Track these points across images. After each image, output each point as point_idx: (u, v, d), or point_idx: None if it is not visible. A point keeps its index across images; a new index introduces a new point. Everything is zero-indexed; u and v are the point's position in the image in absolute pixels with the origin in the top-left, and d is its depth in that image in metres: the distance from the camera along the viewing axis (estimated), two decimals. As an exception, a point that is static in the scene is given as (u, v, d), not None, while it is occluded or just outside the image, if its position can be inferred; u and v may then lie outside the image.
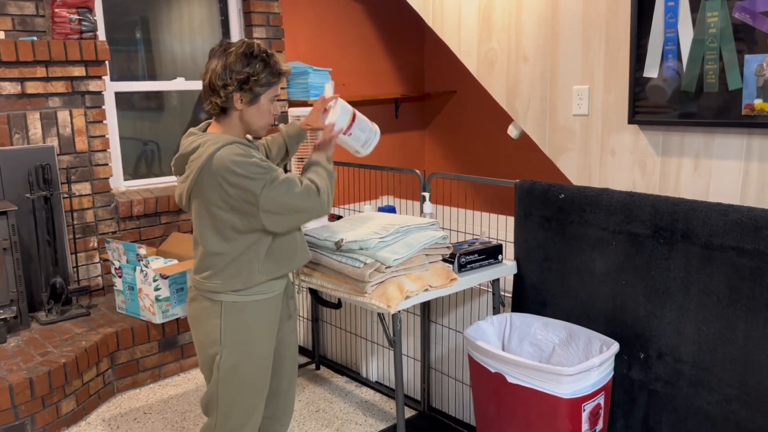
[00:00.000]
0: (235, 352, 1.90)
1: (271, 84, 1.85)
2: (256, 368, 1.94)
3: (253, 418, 1.99)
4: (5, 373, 2.71)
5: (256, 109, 1.85)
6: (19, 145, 3.26)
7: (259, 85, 1.82)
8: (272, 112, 1.89)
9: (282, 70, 1.86)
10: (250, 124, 1.88)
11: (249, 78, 1.79)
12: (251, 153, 1.81)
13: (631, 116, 2.75)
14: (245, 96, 1.82)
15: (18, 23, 3.28)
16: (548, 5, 3.06)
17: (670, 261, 2.06)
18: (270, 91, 1.85)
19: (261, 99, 1.84)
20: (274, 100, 1.89)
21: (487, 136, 4.83)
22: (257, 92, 1.82)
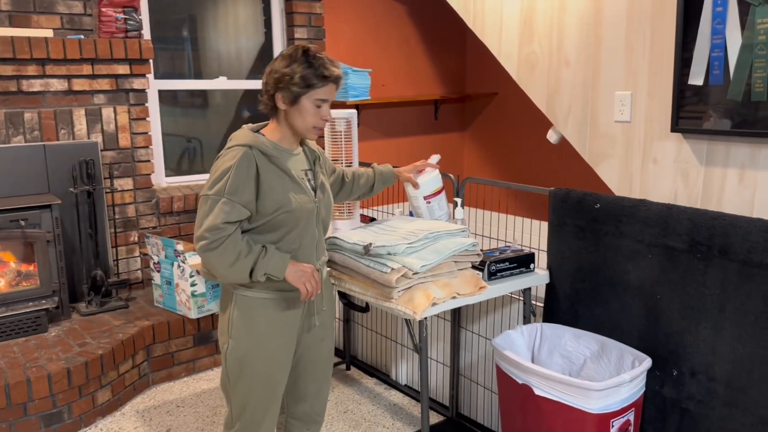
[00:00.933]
0: (241, 345, 1.92)
1: (311, 86, 1.83)
2: (264, 365, 1.94)
3: (267, 416, 2.00)
4: (45, 362, 2.80)
5: (297, 110, 1.86)
6: (64, 140, 3.36)
7: (295, 85, 1.82)
8: (319, 116, 1.87)
9: (325, 73, 1.83)
10: (293, 125, 1.89)
11: (284, 77, 1.82)
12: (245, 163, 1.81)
13: (674, 124, 2.67)
14: (285, 96, 1.84)
15: (66, 22, 3.38)
16: (591, 8, 3.00)
17: (706, 277, 1.99)
18: (313, 94, 1.84)
19: (302, 100, 1.84)
20: (322, 104, 1.87)
21: (527, 139, 4.76)
22: (296, 93, 1.83)
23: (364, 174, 2.34)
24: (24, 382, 2.65)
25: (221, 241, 1.79)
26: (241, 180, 1.80)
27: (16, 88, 3.18)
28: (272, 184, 1.84)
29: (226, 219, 1.78)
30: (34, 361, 2.80)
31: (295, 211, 1.87)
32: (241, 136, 1.89)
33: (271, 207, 1.84)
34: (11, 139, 3.22)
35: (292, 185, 1.88)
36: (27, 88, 3.21)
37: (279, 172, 1.86)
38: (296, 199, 1.87)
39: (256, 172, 1.82)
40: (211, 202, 1.80)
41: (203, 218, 1.81)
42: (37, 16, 3.30)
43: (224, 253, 1.79)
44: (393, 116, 4.79)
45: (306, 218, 1.91)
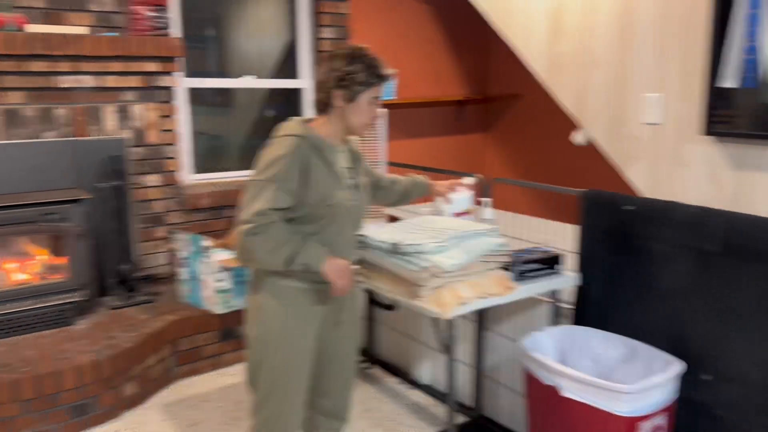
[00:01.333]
0: (269, 331, 1.96)
1: (371, 85, 1.90)
2: (289, 353, 1.97)
3: (292, 407, 2.02)
4: (74, 355, 2.83)
5: (355, 108, 1.91)
6: (94, 136, 3.40)
7: (357, 83, 1.88)
8: (371, 113, 1.95)
9: (382, 73, 1.91)
10: (348, 122, 1.93)
11: (347, 75, 1.87)
12: (297, 152, 1.85)
13: (705, 127, 2.65)
14: (345, 94, 1.89)
15: (99, 19, 3.42)
16: (622, 9, 2.98)
17: (740, 281, 1.97)
18: (369, 92, 1.90)
19: (360, 98, 1.90)
20: (374, 102, 1.94)
21: (550, 141, 4.74)
22: (356, 90, 1.89)
23: (400, 181, 2.39)
24: (54, 373, 2.69)
25: (266, 227, 1.82)
26: (291, 169, 1.84)
27: (48, 84, 3.23)
28: (318, 177, 1.88)
29: (273, 205, 1.82)
30: (63, 353, 2.84)
31: (336, 206, 1.91)
32: (292, 126, 1.93)
33: (314, 198, 1.88)
34: (43, 134, 3.27)
35: (336, 180, 1.92)
36: (59, 84, 3.26)
37: (325, 165, 1.90)
38: (338, 195, 1.91)
39: (305, 163, 1.86)
40: (259, 188, 1.84)
41: (250, 202, 1.84)
42: (71, 13, 3.34)
43: (266, 239, 1.82)
44: (416, 116, 4.79)
45: (344, 214, 1.95)
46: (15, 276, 3.18)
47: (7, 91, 3.14)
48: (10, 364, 2.73)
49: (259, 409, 2.04)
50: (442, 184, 2.48)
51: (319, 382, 2.16)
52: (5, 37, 3.00)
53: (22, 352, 2.85)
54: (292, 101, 4.37)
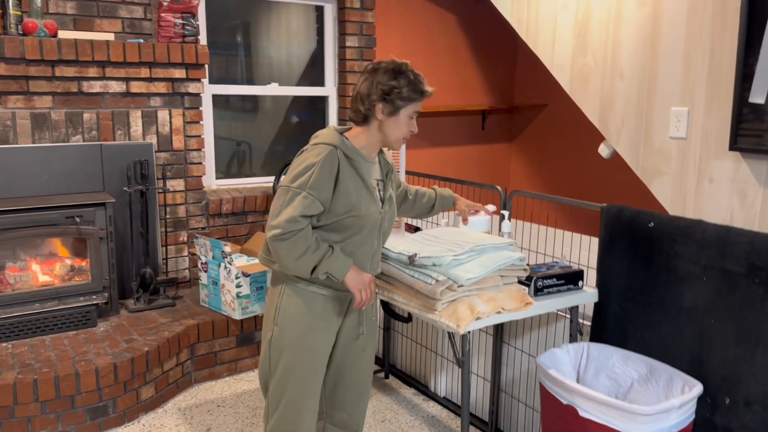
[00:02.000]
0: (285, 334, 1.98)
1: (412, 100, 1.93)
2: (304, 357, 1.99)
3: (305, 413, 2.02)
4: (93, 357, 2.87)
5: (394, 121, 1.94)
6: (120, 140, 3.45)
7: (401, 98, 1.91)
8: (410, 128, 1.97)
9: (424, 89, 1.95)
10: (387, 135, 1.96)
11: (392, 90, 1.90)
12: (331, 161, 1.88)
13: (733, 142, 2.58)
14: (387, 107, 1.92)
15: (127, 26, 3.48)
16: (649, 21, 2.93)
17: (765, 303, 1.91)
18: (410, 107, 1.94)
19: (401, 112, 1.94)
20: (414, 117, 1.97)
21: (576, 153, 4.68)
22: (398, 105, 1.92)
23: (426, 194, 2.41)
24: (73, 375, 2.73)
25: (294, 233, 1.85)
26: (323, 177, 1.87)
27: (77, 89, 3.28)
28: (348, 187, 1.90)
29: (304, 212, 1.85)
30: (82, 355, 2.88)
31: (363, 217, 1.94)
32: (327, 135, 1.95)
33: (343, 208, 1.90)
34: (70, 138, 3.32)
35: (366, 192, 1.95)
36: (87, 90, 3.31)
37: (357, 176, 1.93)
38: (366, 206, 1.94)
39: (337, 172, 1.89)
40: (291, 194, 1.87)
41: (282, 208, 1.87)
42: (100, 20, 3.41)
43: (294, 246, 1.86)
44: (440, 125, 4.78)
45: (371, 226, 1.98)
46: (39, 277, 3.23)
47: (37, 96, 3.21)
48: (30, 365, 2.77)
49: (271, 414, 2.06)
50: (464, 201, 2.48)
51: (334, 393, 2.17)
52: (36, 42, 3.06)
53: (42, 353, 2.89)
54: (318, 108, 4.39)
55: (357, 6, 4.20)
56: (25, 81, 3.14)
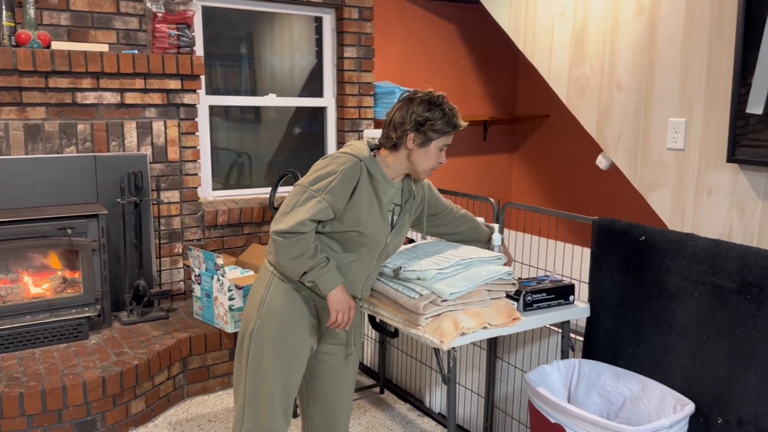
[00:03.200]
0: (267, 327, 1.96)
1: (445, 133, 1.94)
2: (283, 354, 1.97)
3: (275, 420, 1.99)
4: (82, 370, 2.84)
5: (424, 152, 1.94)
6: (115, 152, 3.44)
7: (434, 130, 1.92)
8: (438, 159, 1.98)
9: (458, 123, 1.96)
10: (415, 164, 1.96)
11: (426, 121, 1.91)
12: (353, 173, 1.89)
13: (730, 154, 2.53)
14: (419, 137, 1.93)
15: (122, 37, 3.48)
16: (646, 31, 2.88)
17: (757, 320, 1.85)
18: (442, 140, 1.95)
19: (431, 144, 1.94)
20: (443, 149, 1.98)
21: (578, 163, 4.62)
22: (430, 137, 1.93)
23: (477, 230, 2.36)
24: (60, 388, 2.70)
25: (297, 235, 1.86)
26: (342, 186, 1.87)
27: (71, 100, 3.28)
28: (362, 202, 1.91)
29: (315, 216, 1.86)
30: (71, 368, 2.85)
31: (368, 235, 1.94)
32: (359, 147, 1.96)
33: (349, 221, 1.91)
34: (64, 150, 3.32)
35: (378, 212, 1.94)
36: (81, 101, 3.31)
37: (373, 194, 1.93)
38: (373, 226, 1.94)
39: (356, 185, 1.90)
40: (307, 196, 1.88)
41: (293, 206, 1.88)
42: (95, 31, 3.41)
43: (293, 246, 1.86)
44: (441, 136, 4.73)
45: (372, 246, 1.98)
46: (31, 289, 3.22)
47: (30, 107, 3.21)
48: (18, 378, 2.75)
49: (247, 414, 2.01)
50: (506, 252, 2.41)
51: (313, 410, 2.14)
52: (28, 53, 3.06)
53: (31, 366, 2.87)
54: (318, 119, 4.37)
55: (355, 17, 4.18)
56: (18, 92, 3.15)
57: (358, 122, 4.30)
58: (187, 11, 3.46)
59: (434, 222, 2.26)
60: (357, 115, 4.29)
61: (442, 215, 2.26)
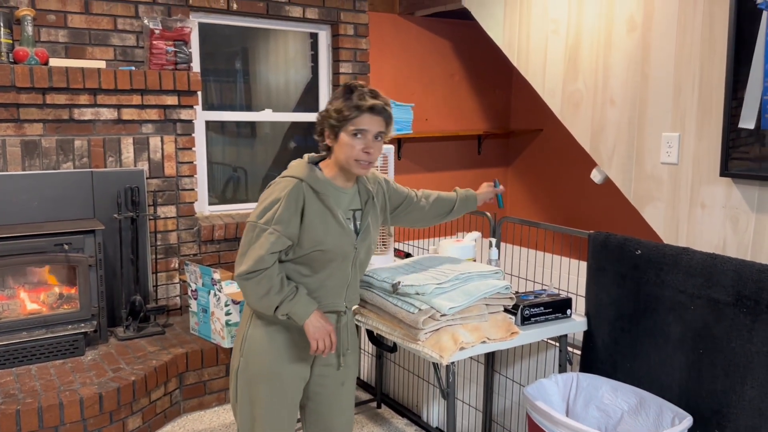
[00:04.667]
0: (251, 365, 1.94)
1: (348, 119, 1.83)
2: (271, 390, 1.93)
3: None
4: (78, 386, 2.83)
5: (339, 145, 1.87)
6: (111, 167, 3.45)
7: (333, 119, 1.85)
8: (358, 147, 1.84)
9: (359, 104, 1.83)
10: (338, 160, 1.89)
11: (328, 114, 1.87)
12: (294, 196, 1.84)
13: (723, 168, 2.56)
14: (330, 132, 1.88)
15: (119, 53, 3.49)
16: (639, 47, 2.93)
17: (753, 333, 1.87)
18: (348, 125, 1.84)
19: (341, 134, 1.86)
20: (360, 134, 1.84)
21: (572, 177, 4.66)
22: (335, 127, 1.86)
23: (445, 198, 2.30)
24: (56, 405, 2.69)
25: (259, 273, 1.82)
26: (289, 212, 1.83)
27: (68, 116, 3.29)
28: (315, 221, 1.86)
29: (271, 249, 1.82)
30: (68, 385, 2.84)
31: (330, 251, 1.88)
32: (296, 167, 1.91)
33: (308, 243, 1.86)
34: (61, 165, 3.32)
35: (334, 225, 1.88)
36: (78, 117, 3.32)
37: (324, 209, 1.87)
38: (334, 240, 1.88)
39: (302, 206, 1.85)
40: (258, 231, 1.83)
41: (248, 246, 1.84)
42: (92, 47, 3.43)
43: (258, 285, 1.82)
44: (436, 150, 4.76)
45: (341, 259, 1.92)
46: (27, 305, 3.21)
47: (27, 123, 3.21)
48: (14, 395, 2.73)
49: None
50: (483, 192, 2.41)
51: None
52: (26, 70, 3.08)
53: (28, 383, 2.86)
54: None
55: (351, 33, 4.22)
56: (16, 108, 3.15)
57: (354, 137, 4.32)
58: (184, 28, 3.48)
59: (401, 211, 2.19)
60: (353, 130, 4.31)
61: (405, 204, 2.19)
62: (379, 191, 2.06)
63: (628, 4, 2.95)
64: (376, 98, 1.86)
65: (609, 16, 3.05)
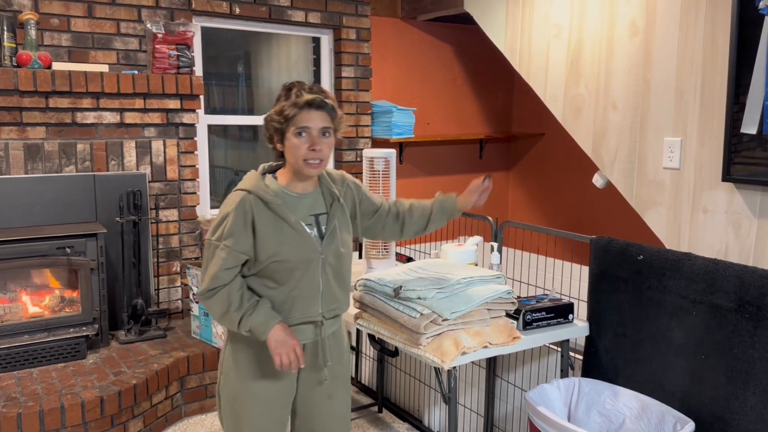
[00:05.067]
0: (230, 383, 1.92)
1: (289, 118, 1.78)
2: (253, 408, 1.90)
3: None
4: (80, 390, 2.83)
5: (287, 147, 1.82)
6: (114, 171, 3.46)
7: (277, 122, 1.81)
8: (305, 145, 1.78)
9: (296, 100, 1.77)
10: (290, 164, 1.84)
11: (271, 116, 1.83)
12: (242, 208, 1.80)
13: (725, 173, 2.56)
14: (277, 135, 1.83)
15: (122, 57, 3.50)
16: (641, 52, 2.93)
17: (755, 339, 1.87)
18: (290, 124, 1.78)
19: (287, 135, 1.80)
20: (303, 132, 1.78)
21: (574, 181, 4.66)
22: (280, 129, 1.81)
23: (420, 207, 2.09)
24: (58, 408, 2.68)
25: (217, 290, 1.79)
26: (237, 226, 1.79)
27: (70, 119, 3.30)
28: (265, 232, 1.80)
29: (224, 266, 1.78)
30: (69, 388, 2.84)
31: (288, 261, 1.81)
32: (246, 178, 1.87)
33: (264, 255, 1.80)
34: (63, 169, 3.33)
35: (290, 233, 1.81)
36: (81, 120, 3.33)
37: (276, 219, 1.81)
38: (290, 249, 1.81)
39: (252, 219, 1.80)
40: (212, 248, 1.81)
41: (206, 264, 1.82)
42: (95, 51, 3.43)
43: (218, 302, 1.80)
44: (437, 154, 4.77)
45: (304, 268, 1.84)
46: (29, 308, 3.21)
47: (30, 127, 3.22)
48: (16, 398, 2.74)
49: None
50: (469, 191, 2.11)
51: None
52: (29, 74, 3.08)
53: (29, 386, 2.86)
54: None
55: (353, 37, 4.23)
56: (19, 112, 3.16)
57: (356, 140, 4.33)
58: (186, 32, 3.49)
59: (374, 223, 2.05)
60: (354, 134, 4.32)
61: (378, 215, 2.05)
62: (348, 193, 1.97)
63: (630, 9, 2.96)
64: (314, 93, 1.79)
65: (611, 21, 3.06)
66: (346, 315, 2.39)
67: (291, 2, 3.98)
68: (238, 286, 1.81)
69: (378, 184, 2.76)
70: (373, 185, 2.72)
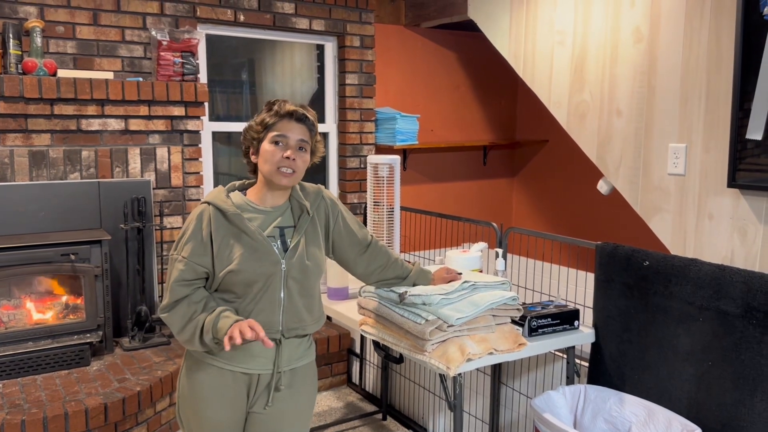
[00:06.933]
0: (183, 405, 1.90)
1: (267, 126, 1.80)
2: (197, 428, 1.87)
3: None
4: (84, 397, 2.82)
5: (262, 157, 1.80)
6: (118, 178, 3.46)
7: (255, 131, 1.83)
8: (278, 154, 1.77)
9: (278, 110, 1.80)
10: (263, 174, 1.82)
11: (251, 126, 1.84)
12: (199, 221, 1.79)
13: (731, 179, 2.55)
14: (254, 147, 1.84)
15: (127, 64, 3.52)
16: (645, 58, 2.93)
17: (762, 345, 1.85)
18: (268, 133, 1.79)
19: (263, 144, 1.81)
20: (280, 141, 1.78)
21: (578, 188, 4.65)
22: (258, 139, 1.82)
23: (400, 268, 2.13)
24: (62, 415, 2.68)
25: (174, 305, 1.76)
26: (195, 239, 1.78)
27: (75, 126, 3.31)
28: (222, 244, 1.77)
29: (182, 277, 1.76)
30: (73, 395, 2.83)
31: (246, 272, 1.76)
32: (211, 192, 1.86)
33: (219, 267, 1.77)
34: (68, 176, 3.34)
35: (250, 245, 1.78)
36: (86, 127, 3.34)
37: (235, 231, 1.78)
38: (246, 262, 1.76)
39: (210, 231, 1.78)
40: (171, 261, 1.81)
41: (168, 277, 1.81)
42: (100, 59, 3.45)
43: (177, 315, 1.76)
44: (441, 161, 4.77)
45: (264, 281, 1.79)
46: (33, 315, 3.21)
47: (35, 134, 3.23)
48: (20, 405, 2.73)
49: None
50: (440, 276, 2.20)
51: None
52: (35, 81, 3.10)
53: (33, 393, 2.85)
54: (318, 145, 4.39)
55: (357, 45, 4.24)
56: (24, 119, 3.17)
57: (360, 147, 4.33)
58: (191, 39, 3.50)
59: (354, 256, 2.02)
60: (358, 141, 4.32)
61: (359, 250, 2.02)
62: (322, 206, 1.93)
63: (635, 15, 2.96)
64: (294, 106, 1.82)
65: (615, 28, 3.06)
66: (349, 321, 2.40)
67: (295, 10, 3.99)
68: (199, 299, 1.77)
69: (382, 190, 2.77)
70: (377, 191, 2.72)
